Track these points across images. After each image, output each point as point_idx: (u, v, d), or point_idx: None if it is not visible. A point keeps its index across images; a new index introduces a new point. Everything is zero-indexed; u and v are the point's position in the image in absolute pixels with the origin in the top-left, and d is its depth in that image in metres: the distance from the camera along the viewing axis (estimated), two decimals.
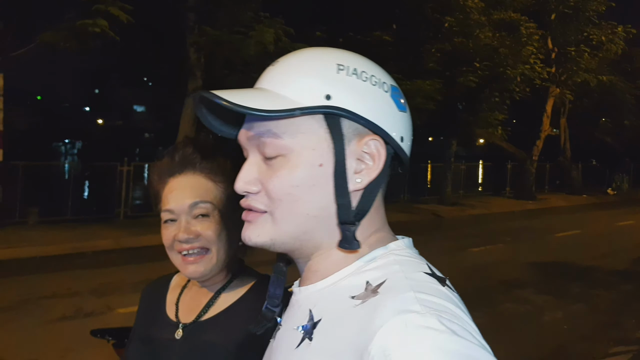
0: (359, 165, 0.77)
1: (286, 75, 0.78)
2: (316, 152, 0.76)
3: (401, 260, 0.77)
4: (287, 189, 0.77)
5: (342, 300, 0.75)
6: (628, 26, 20.57)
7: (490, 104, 17.16)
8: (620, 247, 11.68)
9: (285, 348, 0.80)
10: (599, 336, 6.08)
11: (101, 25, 9.62)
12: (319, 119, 0.76)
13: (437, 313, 0.66)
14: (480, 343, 0.66)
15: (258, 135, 0.78)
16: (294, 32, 11.37)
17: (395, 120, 0.79)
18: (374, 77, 0.79)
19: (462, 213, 16.62)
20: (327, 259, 0.81)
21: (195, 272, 1.28)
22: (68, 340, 5.19)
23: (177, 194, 1.30)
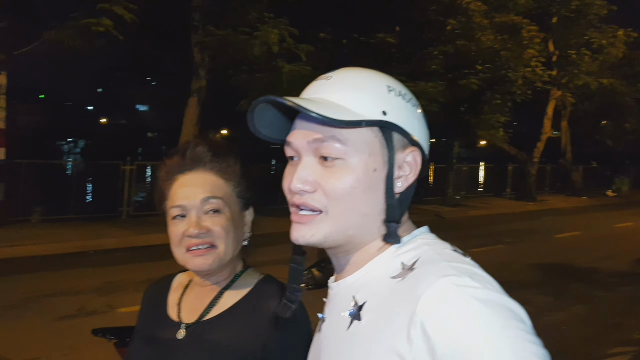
0: (399, 172, 0.90)
1: (346, 90, 0.89)
2: (372, 158, 0.87)
3: (428, 242, 0.89)
4: (347, 190, 0.86)
5: (383, 282, 0.85)
6: (629, 30, 20.55)
7: (492, 106, 17.17)
8: (620, 248, 11.68)
9: (335, 334, 0.90)
10: (599, 337, 6.10)
11: (105, 25, 9.65)
12: (376, 131, 0.88)
13: (470, 274, 0.78)
14: (506, 295, 0.78)
15: (321, 139, 0.87)
16: (298, 33, 11.39)
17: (426, 137, 0.94)
18: (412, 100, 0.93)
19: (464, 214, 16.64)
20: (364, 252, 0.91)
21: (203, 265, 1.29)
22: (71, 339, 5.21)
23: (189, 190, 1.31)
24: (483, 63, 16.10)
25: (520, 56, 16.64)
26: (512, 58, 16.43)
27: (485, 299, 0.74)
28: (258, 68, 12.04)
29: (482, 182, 23.11)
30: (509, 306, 0.76)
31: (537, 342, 0.74)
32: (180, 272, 1.49)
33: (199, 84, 11.97)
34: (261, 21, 11.24)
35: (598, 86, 20.60)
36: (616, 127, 26.14)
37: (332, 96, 0.88)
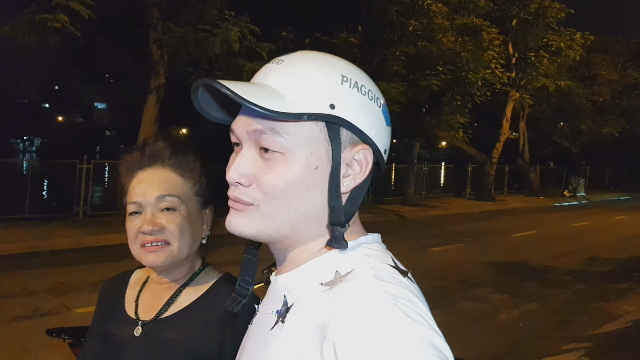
0: (347, 170, 0.83)
1: (293, 78, 0.82)
2: (314, 155, 0.81)
3: (369, 253, 0.83)
4: (282, 186, 0.80)
5: (313, 286, 0.80)
6: (586, 33, 21.11)
7: (452, 107, 17.40)
8: (575, 247, 11.98)
9: (260, 331, 0.86)
10: (553, 334, 6.24)
11: (61, 20, 9.44)
12: (321, 125, 0.81)
13: (395, 298, 0.72)
14: (432, 327, 0.71)
15: (260, 131, 0.81)
16: (259, 31, 11.34)
17: (382, 134, 0.86)
18: (370, 92, 0.84)
19: (424, 214, 16.83)
20: (305, 252, 0.86)
21: (155, 261, 1.28)
22: (24, 340, 5.09)
23: (145, 187, 1.30)
24: (444, 64, 16.32)
25: (480, 58, 16.90)
26: (473, 60, 16.67)
27: (405, 331, 0.68)
28: (218, 66, 11.94)
29: (442, 183, 23.43)
30: (432, 341, 0.69)
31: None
32: (138, 268, 1.47)
33: (157, 82, 11.79)
34: (221, 19, 11.15)
35: (555, 88, 21.09)
36: (572, 129, 26.84)
37: (278, 83, 0.81)
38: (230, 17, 11.14)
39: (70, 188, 12.38)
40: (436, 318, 0.76)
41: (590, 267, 10.08)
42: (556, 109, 24.87)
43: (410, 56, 16.00)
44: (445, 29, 16.29)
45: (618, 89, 27.06)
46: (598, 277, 9.29)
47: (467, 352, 5.48)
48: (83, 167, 12.30)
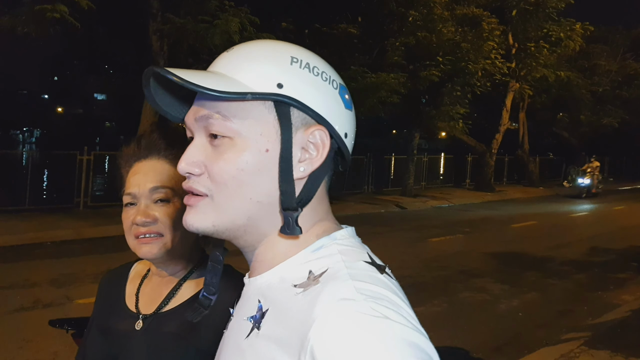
0: (303, 154, 0.78)
1: (240, 61, 0.79)
2: (263, 137, 0.77)
3: (343, 250, 0.78)
4: (233, 172, 0.77)
5: (287, 290, 0.76)
6: (586, 23, 21.01)
7: (452, 98, 17.39)
8: (574, 238, 12.02)
9: (236, 338, 0.81)
10: (553, 323, 6.28)
11: (61, 11, 9.40)
12: (269, 106, 0.77)
13: (373, 300, 0.68)
14: (415, 327, 0.68)
15: (207, 116, 0.78)
16: (259, 21, 11.31)
17: (341, 116, 0.81)
18: (324, 74, 0.80)
19: (424, 204, 16.85)
20: (272, 249, 0.82)
21: (149, 253, 1.28)
22: (26, 331, 5.12)
23: (139, 178, 1.31)
24: (444, 55, 16.27)
25: (480, 48, 16.86)
26: (472, 50, 16.64)
27: (385, 334, 0.64)
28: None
29: (442, 173, 23.44)
30: (415, 342, 0.65)
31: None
32: (137, 260, 1.47)
33: None
34: (221, 9, 11.11)
35: (555, 79, 21.03)
36: (572, 119, 26.80)
37: (226, 68, 0.78)
38: (230, 8, 11.10)
39: (71, 179, 12.39)
40: (436, 308, 0.75)
41: (589, 257, 10.11)
42: (556, 100, 24.80)
43: (410, 47, 15.96)
44: (445, 19, 16.23)
45: (618, 80, 26.96)
46: (597, 267, 9.32)
47: (467, 341, 5.53)
48: (83, 158, 12.29)
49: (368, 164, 18.39)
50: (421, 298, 6.61)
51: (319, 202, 0.83)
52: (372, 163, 18.63)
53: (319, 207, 0.83)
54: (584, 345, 5.49)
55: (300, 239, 0.80)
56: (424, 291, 7.00)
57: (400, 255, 8.89)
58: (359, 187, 18.00)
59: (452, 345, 5.31)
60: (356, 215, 13.36)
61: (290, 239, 0.80)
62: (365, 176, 18.38)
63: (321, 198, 0.83)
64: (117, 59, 19.27)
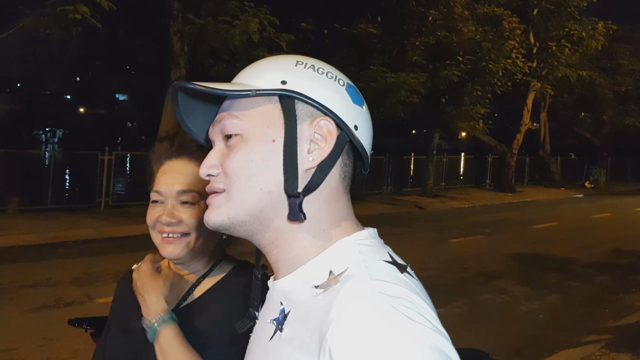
0: (312, 146, 0.81)
1: (253, 70, 0.86)
2: (270, 129, 0.81)
3: (363, 250, 0.79)
4: (242, 164, 0.81)
5: (308, 291, 0.77)
6: (608, 22, 20.76)
7: (473, 97, 17.26)
8: (596, 239, 11.86)
9: (261, 341, 0.83)
10: (573, 326, 6.21)
11: (82, 12, 9.48)
12: (274, 101, 0.81)
13: (391, 299, 0.67)
14: (435, 327, 0.67)
15: (221, 118, 0.84)
16: (278, 22, 11.33)
17: (348, 109, 0.83)
18: (329, 73, 0.84)
19: (444, 205, 16.76)
20: (291, 248, 0.83)
21: (172, 253, 1.30)
22: (48, 330, 5.18)
23: (168, 178, 1.33)
24: (464, 54, 16.16)
25: (501, 48, 16.71)
26: (493, 49, 16.50)
27: (404, 335, 0.64)
28: (238, 57, 11.96)
29: (462, 174, 23.29)
30: (435, 344, 0.65)
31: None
32: None
33: (178, 74, 11.85)
34: (241, 10, 11.14)
35: (577, 78, 20.79)
36: (594, 120, 26.45)
37: (241, 78, 0.86)
38: (249, 8, 11.14)
39: (93, 179, 12.54)
40: (457, 310, 0.74)
41: (611, 259, 9.97)
42: (578, 100, 24.50)
43: (430, 46, 15.88)
44: (466, 18, 16.14)
45: None
46: (619, 269, 9.20)
47: (487, 343, 5.48)
48: (105, 158, 12.43)
49: (387, 164, 18.35)
50: (441, 299, 6.55)
51: (335, 198, 0.84)
52: (392, 163, 18.58)
53: (336, 203, 0.84)
54: (605, 348, 5.43)
55: (320, 239, 0.82)
56: (444, 292, 6.95)
57: (420, 256, 8.84)
58: (378, 188, 17.97)
59: (473, 347, 5.28)
60: (375, 215, 13.31)
61: (309, 237, 0.82)
62: (385, 176, 18.34)
63: (337, 194, 0.84)
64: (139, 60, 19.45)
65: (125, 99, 59.54)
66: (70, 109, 57.37)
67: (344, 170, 0.84)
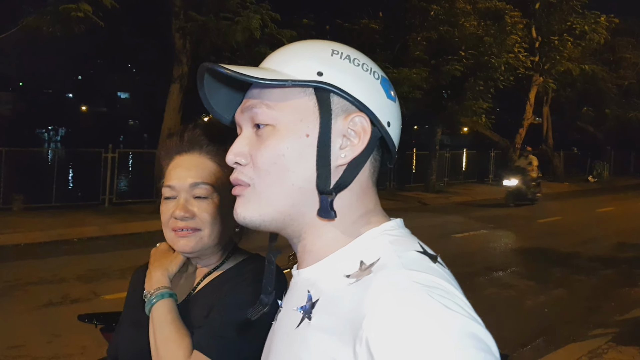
0: (344, 141, 0.79)
1: (284, 57, 0.82)
2: (303, 123, 0.78)
3: (394, 240, 0.79)
4: (274, 158, 0.79)
5: (338, 280, 0.77)
6: (611, 16, 20.72)
7: (475, 92, 17.23)
8: (601, 233, 11.85)
9: (286, 329, 0.83)
10: (580, 319, 6.21)
11: (85, 10, 9.49)
12: (310, 93, 0.79)
13: (428, 289, 0.68)
14: (471, 315, 0.67)
15: (252, 106, 0.81)
16: (280, 18, 11.31)
17: (382, 105, 0.82)
18: (365, 65, 0.82)
19: (447, 200, 16.75)
20: (320, 239, 0.82)
21: (185, 247, 1.30)
22: (55, 326, 5.20)
23: (180, 172, 1.32)
24: (466, 49, 16.14)
25: (503, 42, 16.69)
26: (495, 44, 16.48)
27: (442, 323, 0.64)
28: (240, 54, 11.96)
29: (464, 169, 23.26)
30: (475, 332, 0.65)
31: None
32: None
33: (180, 71, 11.85)
34: (243, 6, 11.13)
35: (580, 72, 20.76)
36: (597, 114, 26.39)
37: (271, 64, 0.82)
38: (251, 5, 11.13)
39: (96, 177, 12.56)
40: None
41: (616, 253, 9.96)
42: (580, 94, 24.47)
43: (432, 41, 15.87)
44: (468, 13, 16.11)
45: None
46: (624, 262, 9.19)
47: (493, 337, 5.47)
48: (108, 155, 12.46)
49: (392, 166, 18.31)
50: None
51: (365, 193, 0.84)
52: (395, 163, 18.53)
53: (365, 197, 0.84)
54: (612, 342, 5.43)
55: (349, 231, 0.81)
56: None
57: None
58: (381, 184, 17.93)
59: None
60: None
61: (338, 230, 0.81)
62: (387, 172, 18.32)
63: (367, 188, 0.84)
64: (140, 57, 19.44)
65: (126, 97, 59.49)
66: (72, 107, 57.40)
67: (374, 165, 0.84)
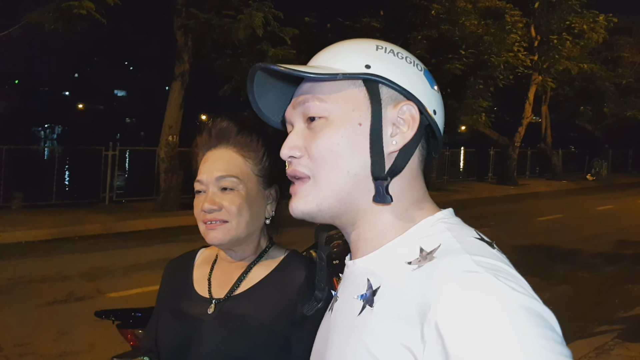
0: (394, 129, 0.83)
1: (332, 53, 0.87)
2: (356, 112, 0.82)
3: (451, 227, 0.82)
4: (329, 147, 0.82)
5: (399, 267, 0.79)
6: (609, 15, 20.75)
7: (475, 91, 17.29)
8: (601, 230, 11.89)
9: (346, 317, 0.83)
10: (585, 316, 6.21)
11: (87, 7, 9.47)
12: (359, 85, 0.83)
13: (494, 272, 0.70)
14: (535, 297, 0.69)
15: (304, 100, 0.85)
16: (283, 16, 11.29)
17: (428, 93, 0.86)
18: (408, 58, 0.86)
19: (447, 198, 16.74)
20: (374, 226, 0.85)
21: (215, 239, 1.32)
22: (61, 324, 5.20)
23: (208, 166, 1.35)
24: (466, 48, 16.17)
25: (503, 41, 16.74)
26: (495, 43, 16.53)
27: (510, 303, 0.66)
28: (242, 52, 11.94)
29: (463, 167, 23.32)
30: (539, 311, 0.67)
31: (567, 355, 0.65)
32: (203, 247, 1.51)
33: (182, 68, 11.82)
34: (245, 4, 11.11)
35: (578, 71, 20.80)
36: (595, 112, 26.46)
37: (320, 61, 0.87)
38: (253, 2, 11.11)
39: (96, 174, 12.53)
40: None
41: (618, 250, 10.00)
42: (579, 92, 24.52)
43: (432, 40, 15.88)
44: (468, 12, 16.13)
45: None
46: (627, 259, 9.23)
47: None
48: (109, 153, 12.44)
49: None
50: None
51: (415, 179, 0.87)
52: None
53: (415, 183, 0.87)
54: (618, 338, 5.45)
55: (403, 218, 0.84)
56: None
57: None
58: None
59: None
60: None
61: (392, 216, 0.84)
62: None
63: (416, 175, 0.87)
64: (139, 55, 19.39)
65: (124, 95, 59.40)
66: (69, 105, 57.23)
67: (422, 153, 0.88)
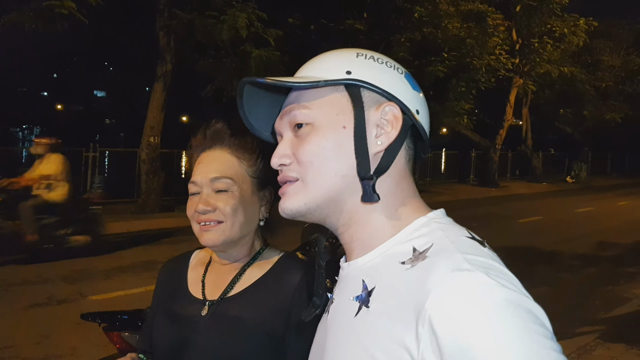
0: (379, 130, 0.86)
1: (314, 63, 0.91)
2: (340, 116, 0.85)
3: (443, 227, 0.84)
4: (316, 151, 0.85)
5: (393, 267, 0.81)
6: (590, 19, 21.04)
7: (457, 93, 17.42)
8: (581, 232, 12.02)
9: (343, 319, 0.85)
10: (566, 317, 6.26)
11: (69, 7, 9.37)
12: (341, 90, 0.86)
13: (485, 269, 0.72)
14: (526, 293, 0.72)
15: (290, 109, 0.88)
16: (266, 17, 11.27)
17: (409, 95, 0.89)
18: (388, 62, 0.90)
19: (429, 200, 16.45)
20: (366, 225, 0.87)
21: (209, 240, 1.32)
22: (43, 327, 5.14)
23: (202, 168, 1.36)
24: (449, 50, 16.29)
25: (484, 44, 16.90)
26: (477, 46, 16.67)
27: (500, 299, 0.68)
28: (226, 53, 11.89)
29: (445, 169, 23.47)
30: (529, 307, 0.69)
31: (557, 350, 0.67)
32: (198, 248, 1.51)
33: (164, 69, 11.73)
34: (229, 5, 11.08)
35: (559, 74, 21.07)
36: (575, 115, 26.78)
37: (303, 71, 0.90)
38: (237, 3, 11.08)
39: (77, 176, 12.37)
40: None
41: (598, 252, 10.11)
42: (559, 95, 24.83)
43: (415, 42, 15.97)
44: (451, 15, 16.24)
45: (621, 75, 26.91)
46: (606, 261, 9.33)
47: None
48: (89, 155, 12.31)
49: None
50: None
51: (403, 179, 0.89)
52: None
53: (404, 183, 0.89)
54: (599, 339, 5.51)
55: (393, 218, 0.87)
56: None
57: None
58: None
59: None
60: None
61: (383, 216, 0.87)
62: None
63: (404, 175, 0.90)
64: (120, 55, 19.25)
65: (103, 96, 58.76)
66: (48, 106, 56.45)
67: (409, 153, 0.90)
